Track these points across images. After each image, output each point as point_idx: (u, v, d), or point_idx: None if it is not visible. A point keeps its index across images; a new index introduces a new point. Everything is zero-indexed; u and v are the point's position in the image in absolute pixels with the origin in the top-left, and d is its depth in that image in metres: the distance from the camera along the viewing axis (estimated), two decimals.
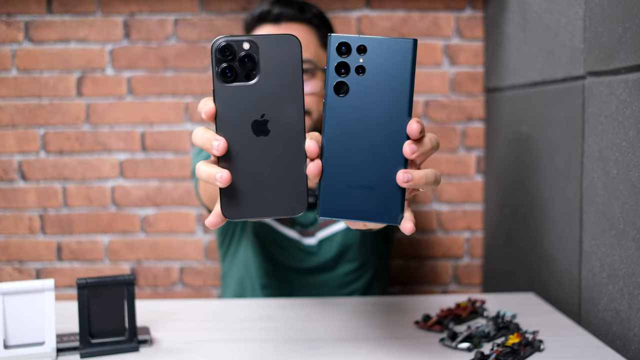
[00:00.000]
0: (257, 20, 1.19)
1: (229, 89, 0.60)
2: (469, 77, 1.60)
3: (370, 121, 0.61)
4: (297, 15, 1.18)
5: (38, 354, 0.85)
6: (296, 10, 1.19)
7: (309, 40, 1.19)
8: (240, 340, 0.95)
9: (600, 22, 0.97)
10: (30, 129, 1.57)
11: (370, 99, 0.61)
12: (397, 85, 0.60)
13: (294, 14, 1.18)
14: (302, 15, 1.19)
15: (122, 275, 0.89)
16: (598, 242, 0.98)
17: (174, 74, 1.57)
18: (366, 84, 0.61)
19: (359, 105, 0.61)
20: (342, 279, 1.31)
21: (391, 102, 0.61)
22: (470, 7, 1.58)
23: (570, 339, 0.95)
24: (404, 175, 0.60)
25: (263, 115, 0.61)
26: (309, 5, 1.22)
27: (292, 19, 1.18)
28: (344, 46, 0.60)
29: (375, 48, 0.60)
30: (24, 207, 1.59)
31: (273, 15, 1.17)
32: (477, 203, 1.63)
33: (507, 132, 1.42)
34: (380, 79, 0.60)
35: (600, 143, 0.97)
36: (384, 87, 0.60)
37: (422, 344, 0.93)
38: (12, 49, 1.55)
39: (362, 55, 0.60)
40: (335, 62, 0.61)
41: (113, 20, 1.56)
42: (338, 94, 0.61)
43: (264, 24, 1.19)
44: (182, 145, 1.58)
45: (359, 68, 0.61)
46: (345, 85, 0.61)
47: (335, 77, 0.61)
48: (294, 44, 0.61)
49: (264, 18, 1.19)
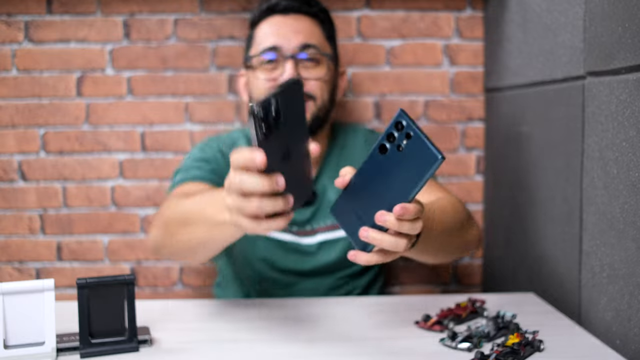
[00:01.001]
0: (266, 11, 1.25)
1: (269, 140, 0.73)
2: (469, 77, 1.60)
3: (386, 182, 0.78)
4: (304, 8, 1.25)
5: (38, 354, 0.85)
6: (303, 3, 1.25)
7: (315, 31, 1.25)
8: (240, 341, 0.95)
9: (600, 22, 0.97)
10: (30, 129, 1.57)
11: (394, 170, 0.76)
12: (413, 177, 0.75)
13: (300, 6, 1.24)
14: (309, 8, 1.25)
15: (122, 275, 0.89)
16: (598, 242, 0.98)
17: (174, 74, 1.57)
18: (398, 159, 0.76)
19: (386, 168, 0.77)
20: (339, 281, 1.31)
21: (404, 182, 0.76)
22: (470, 7, 1.58)
23: (570, 339, 0.95)
24: (366, 234, 0.78)
25: (287, 148, 0.76)
26: (315, 1, 1.28)
27: (299, 11, 1.24)
28: (400, 124, 0.75)
29: (415, 141, 0.74)
30: (24, 207, 1.59)
31: (281, 6, 1.24)
32: (477, 203, 1.63)
33: (507, 132, 1.42)
34: (408, 164, 0.75)
35: (600, 143, 0.97)
36: (407, 171, 0.75)
37: (422, 344, 0.93)
38: (12, 49, 1.55)
39: (406, 140, 0.75)
40: (389, 131, 0.76)
41: (113, 20, 1.56)
42: (380, 152, 0.78)
43: (272, 14, 1.25)
44: (182, 145, 1.58)
45: (400, 147, 0.76)
46: (386, 149, 0.77)
47: (384, 140, 0.77)
48: (299, 86, 0.76)
49: (273, 9, 1.24)
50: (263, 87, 1.22)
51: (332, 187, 1.29)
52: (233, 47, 1.57)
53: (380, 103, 1.60)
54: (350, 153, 1.32)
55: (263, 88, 1.22)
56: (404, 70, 1.59)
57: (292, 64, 1.19)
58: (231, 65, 1.57)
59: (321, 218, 1.28)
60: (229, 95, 1.58)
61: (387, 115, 1.60)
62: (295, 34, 1.22)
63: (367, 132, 1.37)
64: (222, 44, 1.57)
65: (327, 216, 1.28)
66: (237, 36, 1.56)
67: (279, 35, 1.22)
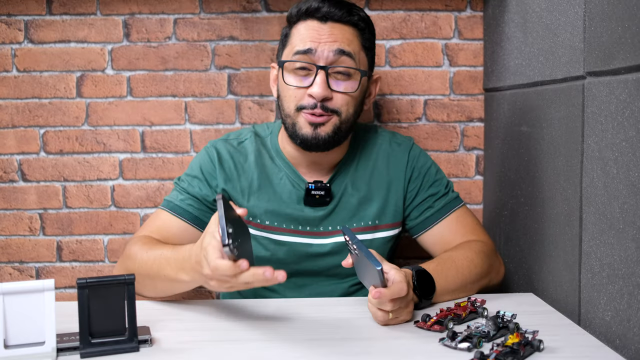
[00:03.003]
0: (304, 14, 1.20)
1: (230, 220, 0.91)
2: (469, 77, 1.60)
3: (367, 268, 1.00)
4: (345, 16, 1.19)
5: (38, 354, 0.85)
6: (345, 11, 1.19)
7: (353, 42, 1.20)
8: (240, 340, 0.95)
9: (600, 22, 0.97)
10: (30, 129, 1.57)
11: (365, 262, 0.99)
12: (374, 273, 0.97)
13: (342, 14, 1.19)
14: (349, 17, 1.20)
15: (122, 275, 0.89)
16: (598, 242, 0.98)
17: (174, 74, 1.57)
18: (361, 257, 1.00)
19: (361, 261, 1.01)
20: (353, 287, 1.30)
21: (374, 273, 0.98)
22: (470, 7, 1.58)
23: (570, 339, 0.95)
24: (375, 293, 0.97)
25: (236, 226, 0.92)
26: (357, 8, 1.23)
27: (339, 20, 1.19)
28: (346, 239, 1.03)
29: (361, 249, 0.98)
30: (24, 207, 1.59)
31: (322, 12, 1.18)
32: (477, 203, 1.63)
33: (506, 132, 1.42)
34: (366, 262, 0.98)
35: (599, 143, 0.97)
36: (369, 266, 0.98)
37: (422, 343, 0.93)
38: (12, 49, 1.55)
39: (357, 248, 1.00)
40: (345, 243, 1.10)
41: (113, 20, 1.56)
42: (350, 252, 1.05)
43: (309, 19, 1.20)
44: (182, 145, 1.59)
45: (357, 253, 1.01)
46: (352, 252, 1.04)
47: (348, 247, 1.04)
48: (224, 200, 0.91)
49: (312, 14, 1.19)
50: (292, 94, 1.19)
51: (351, 189, 1.27)
52: (233, 47, 1.57)
53: (380, 103, 1.60)
54: (369, 154, 1.30)
55: (292, 96, 1.19)
56: (404, 70, 1.59)
57: (323, 76, 1.16)
58: (231, 65, 1.57)
59: (337, 221, 1.26)
60: (228, 95, 1.58)
61: (387, 116, 1.60)
62: (332, 41, 1.17)
63: (390, 136, 1.34)
64: (222, 44, 1.57)
65: (343, 220, 1.26)
66: (237, 36, 1.56)
67: (314, 40, 1.17)
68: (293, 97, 1.20)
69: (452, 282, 1.13)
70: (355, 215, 1.27)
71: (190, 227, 1.24)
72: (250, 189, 1.26)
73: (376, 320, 1.01)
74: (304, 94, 1.19)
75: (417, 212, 1.29)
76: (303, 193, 1.25)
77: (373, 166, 1.30)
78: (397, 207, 1.29)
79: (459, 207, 1.29)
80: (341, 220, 1.26)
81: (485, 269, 1.20)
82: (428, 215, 1.29)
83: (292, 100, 1.20)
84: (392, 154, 1.30)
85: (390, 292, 0.97)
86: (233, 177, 1.27)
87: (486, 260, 1.21)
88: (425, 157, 1.32)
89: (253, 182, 1.26)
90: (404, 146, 1.32)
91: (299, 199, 1.26)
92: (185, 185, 1.27)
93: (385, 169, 1.29)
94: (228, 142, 1.30)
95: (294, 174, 1.27)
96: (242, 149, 1.29)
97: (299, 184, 1.26)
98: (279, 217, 1.26)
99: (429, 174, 1.30)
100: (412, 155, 1.31)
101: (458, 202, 1.30)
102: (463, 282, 1.15)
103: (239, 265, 0.87)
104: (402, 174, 1.29)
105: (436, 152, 1.61)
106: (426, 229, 1.29)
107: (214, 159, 1.27)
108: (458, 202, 1.30)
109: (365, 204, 1.27)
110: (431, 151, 1.60)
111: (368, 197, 1.28)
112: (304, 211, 1.26)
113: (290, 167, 1.27)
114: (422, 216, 1.29)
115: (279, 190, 1.26)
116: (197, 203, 1.25)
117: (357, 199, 1.27)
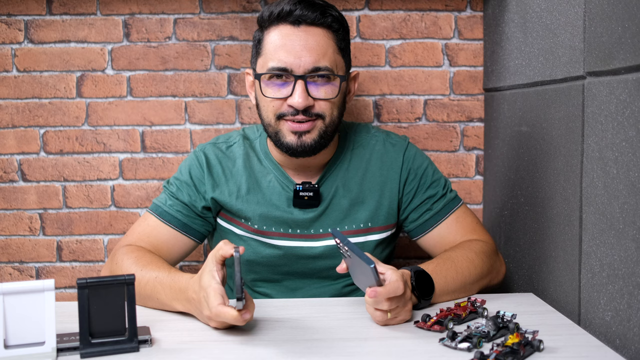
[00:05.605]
0: (276, 18, 1.17)
1: None
2: (469, 77, 1.60)
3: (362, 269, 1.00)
4: (319, 19, 1.16)
5: (38, 354, 0.85)
6: (318, 13, 1.16)
7: (328, 46, 1.17)
8: (240, 341, 0.95)
9: (600, 22, 0.97)
10: (30, 129, 1.57)
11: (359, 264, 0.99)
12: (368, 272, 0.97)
13: (315, 17, 1.16)
14: (323, 19, 1.17)
15: (122, 275, 0.89)
16: (598, 242, 0.98)
17: (174, 74, 1.57)
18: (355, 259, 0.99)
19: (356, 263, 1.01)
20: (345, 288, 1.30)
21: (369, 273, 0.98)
22: (470, 7, 1.58)
23: (570, 339, 0.95)
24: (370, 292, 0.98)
25: None
26: (330, 7, 1.19)
27: (312, 23, 1.16)
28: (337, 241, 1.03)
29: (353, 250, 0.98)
30: (24, 207, 1.59)
31: (294, 16, 1.15)
32: (477, 203, 1.63)
33: (506, 132, 1.42)
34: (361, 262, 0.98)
35: (599, 143, 0.97)
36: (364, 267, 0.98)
37: (422, 344, 0.93)
38: (12, 49, 1.55)
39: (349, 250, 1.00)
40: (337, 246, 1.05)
41: (113, 20, 1.56)
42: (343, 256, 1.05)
43: (282, 23, 1.17)
44: (182, 145, 1.59)
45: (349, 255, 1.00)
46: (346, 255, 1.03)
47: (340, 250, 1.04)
48: None
49: (284, 18, 1.16)
50: (271, 104, 1.18)
51: (342, 190, 1.26)
52: (233, 47, 1.57)
53: (380, 103, 1.60)
54: (362, 155, 1.28)
55: (271, 106, 1.18)
56: (404, 70, 1.59)
57: (302, 85, 1.15)
58: (231, 65, 1.57)
59: (328, 223, 1.25)
60: (228, 95, 1.58)
61: (387, 116, 1.60)
62: (307, 53, 1.14)
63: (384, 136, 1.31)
64: (222, 44, 1.57)
65: (334, 222, 1.25)
66: (237, 36, 1.56)
67: (289, 52, 1.14)
68: (272, 107, 1.18)
69: (452, 282, 1.13)
70: (347, 217, 1.26)
71: (179, 234, 1.24)
72: (239, 193, 1.25)
73: (375, 321, 1.01)
74: (283, 103, 1.17)
75: (416, 215, 1.28)
76: (292, 195, 1.24)
77: (366, 167, 1.28)
78: (390, 209, 1.27)
79: (458, 207, 1.29)
80: (332, 222, 1.25)
81: (485, 270, 1.20)
82: (427, 217, 1.28)
83: (271, 110, 1.18)
84: (386, 155, 1.29)
85: (386, 290, 0.97)
86: (221, 182, 1.26)
87: (486, 260, 1.20)
88: (422, 157, 1.30)
89: (242, 186, 1.25)
90: (398, 146, 1.29)
91: (288, 201, 1.25)
92: (174, 190, 1.26)
93: (378, 170, 1.28)
94: (216, 147, 1.29)
95: (282, 175, 1.26)
96: (230, 153, 1.28)
97: (287, 186, 1.25)
98: (269, 221, 1.25)
99: (426, 175, 1.28)
100: (408, 156, 1.29)
101: (457, 202, 1.30)
102: (462, 282, 1.15)
103: (243, 317, 0.92)
104: (397, 175, 1.27)
105: (436, 152, 1.61)
106: (426, 232, 1.28)
107: (203, 165, 1.26)
108: (457, 202, 1.30)
109: (357, 205, 1.26)
110: (431, 151, 1.60)
111: (360, 198, 1.26)
112: (293, 213, 1.24)
113: (278, 168, 1.26)
114: (420, 219, 1.28)
115: (268, 193, 1.25)
116: (186, 209, 1.25)
117: (348, 200, 1.26)
